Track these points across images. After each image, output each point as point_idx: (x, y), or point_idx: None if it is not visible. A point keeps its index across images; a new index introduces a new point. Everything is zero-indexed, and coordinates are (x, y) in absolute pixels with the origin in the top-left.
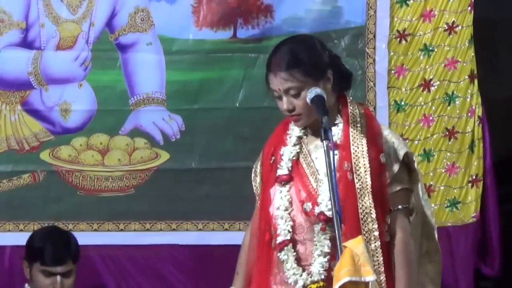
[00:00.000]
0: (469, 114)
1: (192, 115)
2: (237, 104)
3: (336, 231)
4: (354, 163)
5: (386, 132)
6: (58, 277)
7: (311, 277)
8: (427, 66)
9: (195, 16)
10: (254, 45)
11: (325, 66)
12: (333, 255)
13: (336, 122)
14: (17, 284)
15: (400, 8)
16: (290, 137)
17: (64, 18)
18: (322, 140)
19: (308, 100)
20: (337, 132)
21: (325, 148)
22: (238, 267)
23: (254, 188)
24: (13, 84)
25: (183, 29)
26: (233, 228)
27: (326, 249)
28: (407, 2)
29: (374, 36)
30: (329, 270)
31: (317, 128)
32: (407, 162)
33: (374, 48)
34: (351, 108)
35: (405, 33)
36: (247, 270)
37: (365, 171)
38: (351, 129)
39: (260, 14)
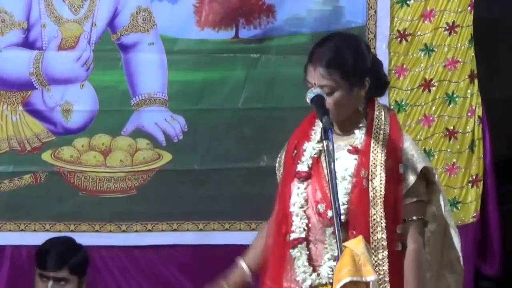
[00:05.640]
0: (469, 114)
1: (194, 116)
2: (239, 105)
3: (336, 231)
4: (371, 171)
5: (407, 144)
6: (50, 283)
7: (319, 279)
8: (427, 66)
9: (197, 16)
10: (256, 45)
11: (365, 73)
12: None
13: (360, 125)
14: (17, 285)
15: (400, 8)
16: (315, 133)
17: (65, 18)
18: (322, 140)
19: (308, 100)
20: (360, 136)
21: (325, 148)
22: (251, 246)
23: (278, 178)
24: (15, 84)
25: (185, 29)
26: (234, 228)
27: (337, 253)
28: (408, 2)
29: (375, 36)
30: None
31: (343, 128)
32: (425, 175)
33: (375, 48)
34: (378, 113)
35: (406, 33)
36: (260, 251)
37: (381, 180)
38: (373, 135)
39: (262, 14)
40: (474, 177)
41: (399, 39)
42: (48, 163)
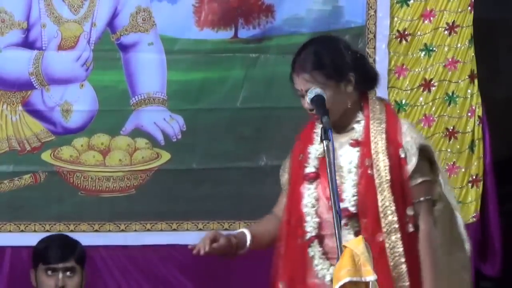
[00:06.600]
0: (469, 114)
1: (193, 115)
2: (238, 104)
3: (336, 231)
4: (374, 158)
5: (405, 127)
6: (60, 274)
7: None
8: (427, 66)
9: (196, 16)
10: (255, 45)
11: (347, 69)
12: None
13: (358, 119)
14: (17, 285)
15: (400, 8)
16: (317, 135)
17: (65, 18)
18: (322, 140)
19: (308, 100)
20: (359, 129)
21: (325, 148)
22: (258, 224)
23: (281, 184)
24: (14, 84)
25: (185, 29)
26: (233, 228)
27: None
28: (408, 2)
29: (375, 36)
30: None
31: (341, 125)
32: (425, 155)
33: (374, 48)
34: (372, 104)
35: (406, 33)
36: (267, 231)
37: (385, 166)
38: (371, 126)
39: (261, 14)
40: (474, 177)
41: (399, 39)
42: (48, 163)
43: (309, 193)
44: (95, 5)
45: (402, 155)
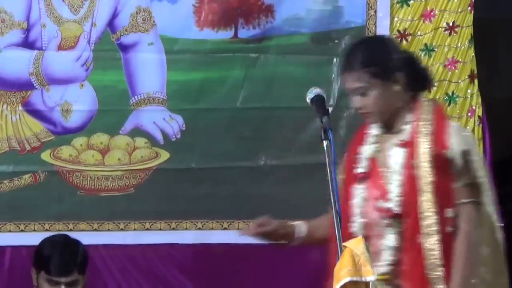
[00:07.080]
0: (469, 114)
1: (193, 115)
2: (238, 104)
3: (336, 231)
4: (419, 159)
5: (453, 130)
6: (62, 287)
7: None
8: (427, 66)
9: (196, 16)
10: (255, 45)
11: (394, 69)
12: (401, 249)
13: (406, 120)
14: (17, 285)
15: (400, 8)
16: (368, 136)
17: (65, 18)
18: (322, 140)
19: (308, 100)
20: (408, 130)
21: (325, 148)
22: (316, 219)
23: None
24: (14, 84)
25: (185, 29)
26: (232, 227)
27: (391, 244)
28: (408, 2)
29: None
30: (398, 264)
31: (391, 125)
32: (470, 159)
33: None
34: (422, 106)
35: (406, 33)
36: (322, 226)
37: (428, 168)
38: (418, 127)
39: (261, 14)
40: None
41: (399, 39)
42: (48, 162)
43: (358, 193)
44: (95, 5)
45: (448, 157)
